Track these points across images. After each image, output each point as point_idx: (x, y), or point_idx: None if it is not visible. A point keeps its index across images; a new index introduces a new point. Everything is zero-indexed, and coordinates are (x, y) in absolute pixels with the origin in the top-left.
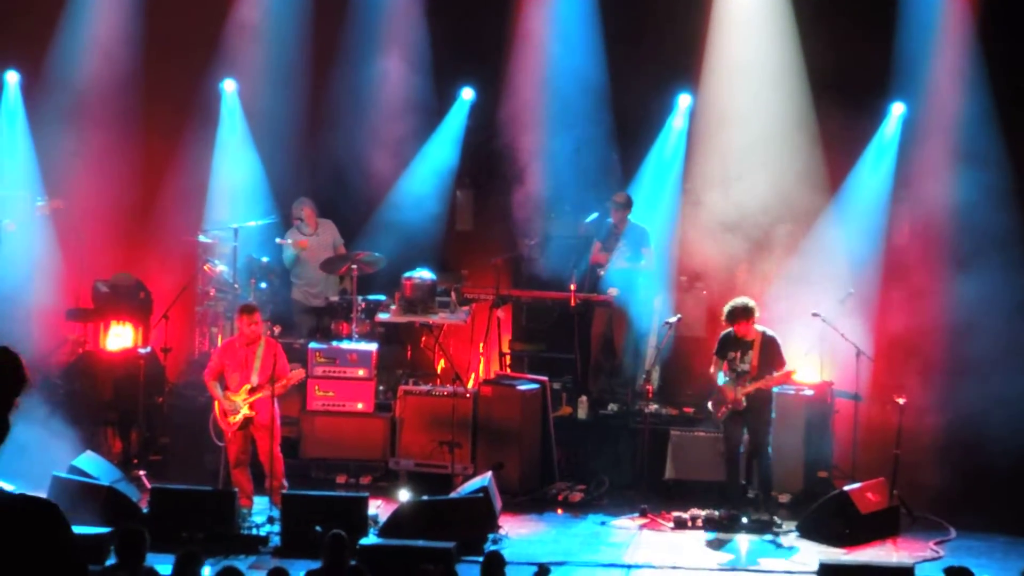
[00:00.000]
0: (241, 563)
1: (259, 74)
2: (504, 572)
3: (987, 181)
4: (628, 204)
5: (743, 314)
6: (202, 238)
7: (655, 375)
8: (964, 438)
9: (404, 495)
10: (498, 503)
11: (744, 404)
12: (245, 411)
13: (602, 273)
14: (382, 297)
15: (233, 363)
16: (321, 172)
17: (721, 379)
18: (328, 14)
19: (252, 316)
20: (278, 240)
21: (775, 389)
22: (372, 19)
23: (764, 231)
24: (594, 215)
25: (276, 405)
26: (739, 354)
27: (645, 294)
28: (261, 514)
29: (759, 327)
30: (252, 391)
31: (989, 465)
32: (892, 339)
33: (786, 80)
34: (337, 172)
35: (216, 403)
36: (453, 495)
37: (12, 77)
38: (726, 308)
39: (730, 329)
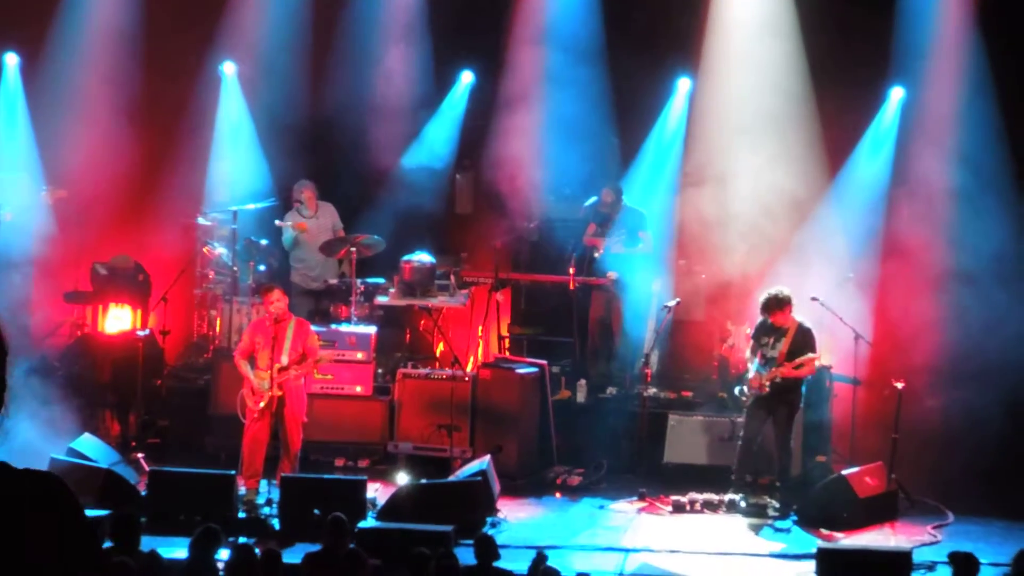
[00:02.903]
0: None
1: (259, 57)
2: (497, 553)
3: (986, 165)
4: (618, 194)
5: (776, 304)
6: (201, 220)
7: (654, 359)
8: (962, 422)
9: (403, 478)
10: (496, 487)
11: (768, 390)
12: (274, 390)
13: (597, 256)
14: (381, 280)
15: (264, 341)
16: (320, 155)
17: (755, 365)
18: None
19: (271, 294)
20: (277, 222)
21: (806, 380)
22: (372, 1)
23: (763, 215)
24: (593, 198)
25: (303, 386)
26: (772, 340)
27: (643, 278)
28: (259, 497)
29: (797, 317)
30: (281, 371)
31: (987, 449)
32: (891, 323)
33: (785, 64)
34: (337, 155)
35: (245, 381)
36: (451, 479)
37: (11, 59)
38: (760, 297)
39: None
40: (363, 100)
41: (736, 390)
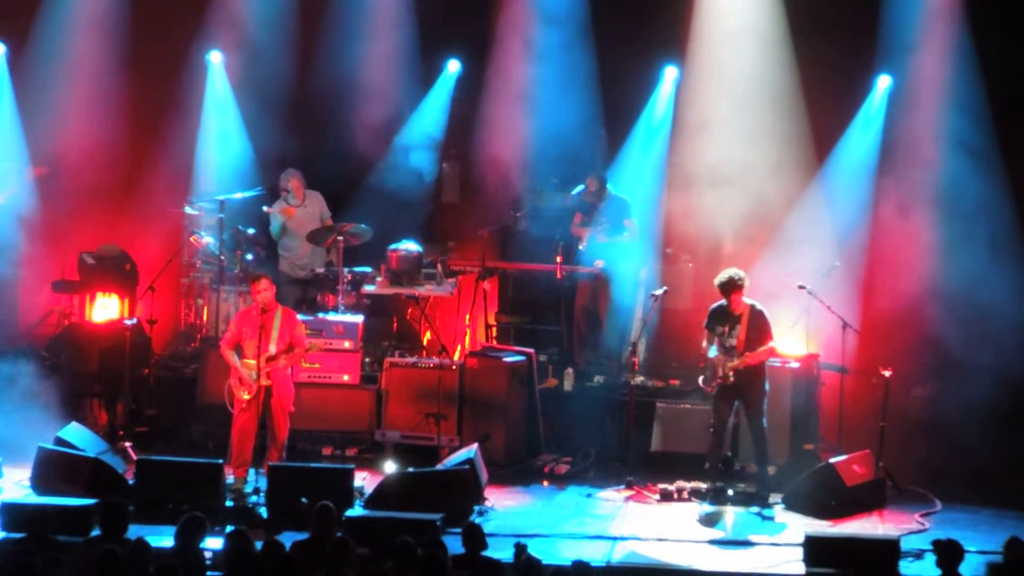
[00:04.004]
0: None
1: (246, 46)
2: (485, 542)
3: (973, 153)
4: (602, 183)
5: (736, 285)
6: (188, 210)
7: (641, 347)
8: (949, 410)
9: (390, 467)
10: (484, 475)
11: (732, 379)
12: (262, 380)
13: (582, 247)
14: (368, 269)
15: (251, 331)
16: (308, 144)
17: (713, 353)
18: None
19: (259, 283)
20: (265, 208)
21: (767, 364)
22: None
23: (750, 204)
24: (580, 187)
25: (290, 376)
26: (727, 328)
27: (630, 266)
28: (247, 485)
29: (748, 300)
30: (270, 360)
31: (974, 437)
32: (878, 311)
33: (773, 52)
34: (324, 144)
35: (232, 371)
36: (439, 467)
37: None
38: (717, 279)
39: (718, 303)
40: (350, 88)
41: (700, 380)
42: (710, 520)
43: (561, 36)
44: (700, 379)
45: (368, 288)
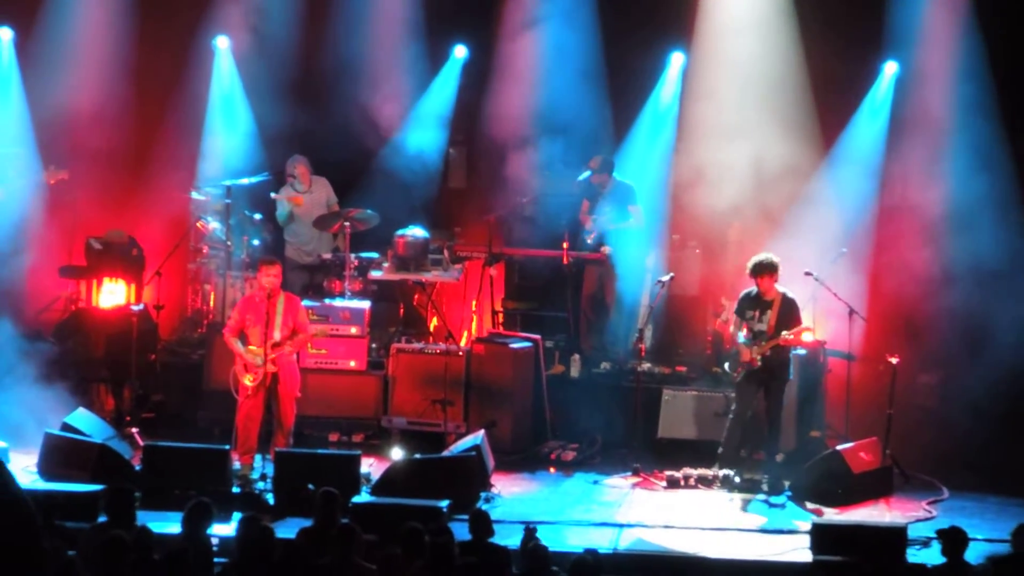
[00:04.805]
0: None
1: (253, 30)
2: (492, 528)
3: (981, 139)
4: (606, 166)
5: (768, 268)
6: (195, 195)
7: (648, 334)
8: (957, 398)
9: (397, 453)
10: (491, 462)
11: (759, 364)
12: (268, 366)
13: (590, 241)
14: (375, 255)
15: (255, 317)
16: (314, 129)
17: (741, 340)
18: None
19: (271, 268)
20: (272, 195)
21: (792, 352)
22: None
23: (757, 190)
24: (587, 173)
25: (296, 361)
26: (757, 313)
27: (637, 252)
28: (254, 472)
29: (780, 288)
30: (275, 346)
31: (982, 425)
32: (885, 298)
33: (779, 39)
34: (330, 129)
35: (237, 358)
36: (445, 454)
37: (5, 34)
38: (751, 263)
39: (750, 289)
40: (357, 74)
41: (726, 365)
42: (717, 507)
43: (567, 21)
44: (726, 364)
45: (375, 274)
